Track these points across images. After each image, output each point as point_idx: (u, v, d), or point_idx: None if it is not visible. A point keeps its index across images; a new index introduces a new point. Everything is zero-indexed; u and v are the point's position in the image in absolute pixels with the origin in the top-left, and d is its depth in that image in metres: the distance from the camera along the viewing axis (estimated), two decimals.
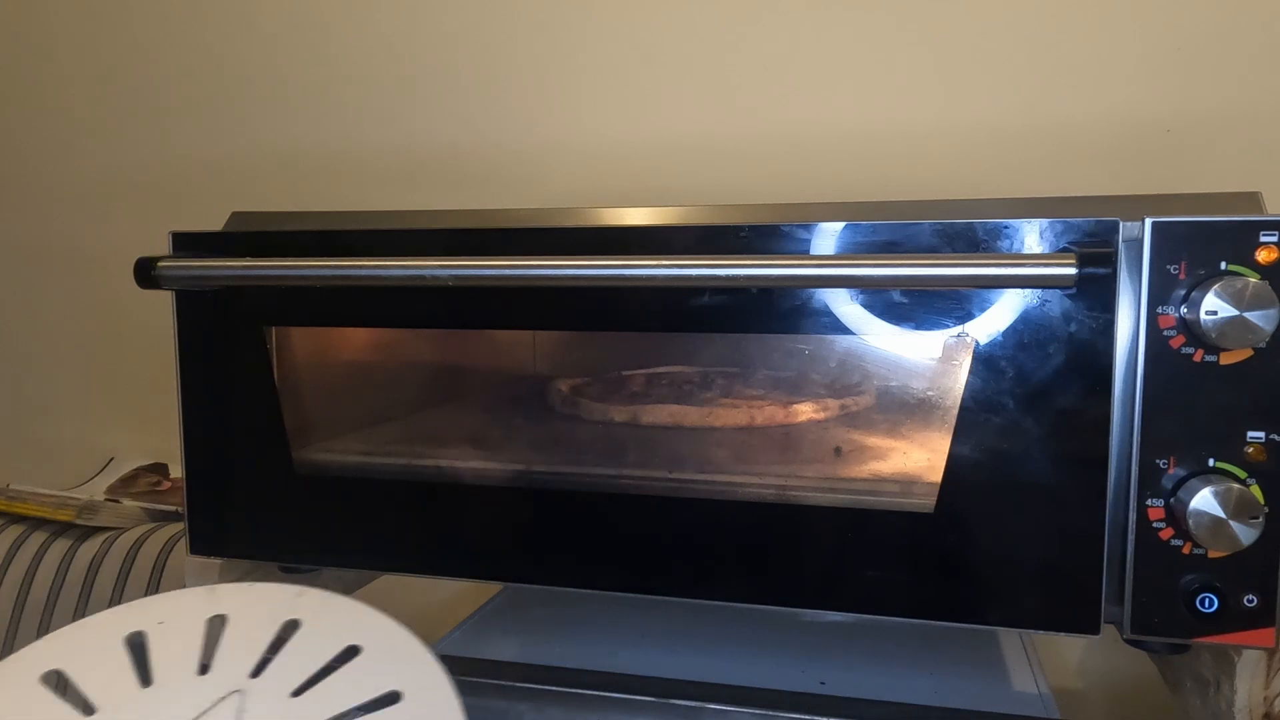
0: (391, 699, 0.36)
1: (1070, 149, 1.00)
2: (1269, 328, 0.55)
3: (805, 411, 0.91)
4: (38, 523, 1.05)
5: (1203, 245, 0.57)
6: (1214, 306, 0.55)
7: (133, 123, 1.30)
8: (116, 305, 1.32)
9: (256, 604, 0.40)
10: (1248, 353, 0.56)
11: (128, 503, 1.11)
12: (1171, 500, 0.58)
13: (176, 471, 1.22)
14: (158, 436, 1.31)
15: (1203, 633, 0.58)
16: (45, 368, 1.37)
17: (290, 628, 0.39)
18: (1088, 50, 0.99)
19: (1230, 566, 0.57)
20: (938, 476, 0.65)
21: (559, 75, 1.15)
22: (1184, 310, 0.57)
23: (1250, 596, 0.57)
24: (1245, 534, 0.56)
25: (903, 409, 0.97)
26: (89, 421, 1.35)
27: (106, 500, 1.12)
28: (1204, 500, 0.56)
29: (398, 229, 0.72)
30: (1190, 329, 0.57)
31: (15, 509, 1.07)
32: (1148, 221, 0.57)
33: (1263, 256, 0.56)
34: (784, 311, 0.66)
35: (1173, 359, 0.58)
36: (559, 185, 1.15)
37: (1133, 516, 0.59)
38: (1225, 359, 0.57)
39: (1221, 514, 0.56)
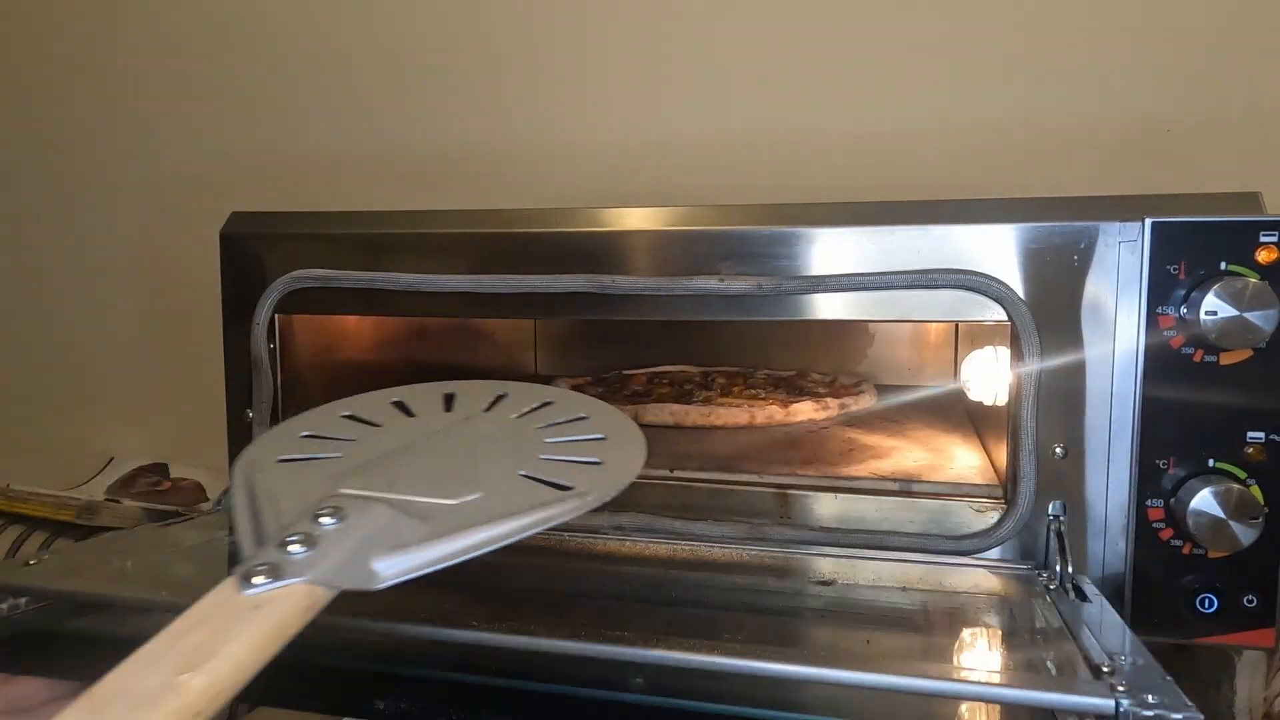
0: (583, 419, 0.51)
1: (1070, 149, 1.00)
2: (1269, 328, 0.55)
3: (805, 411, 0.91)
4: (38, 523, 1.05)
5: (1203, 245, 0.57)
6: (1214, 307, 0.55)
7: (132, 123, 1.30)
8: (116, 306, 1.32)
9: (474, 385, 0.56)
10: (1248, 353, 0.56)
11: (128, 503, 1.11)
12: (1171, 500, 0.58)
13: (176, 472, 1.22)
14: (158, 436, 1.30)
15: (1203, 633, 0.58)
16: (45, 368, 1.37)
17: (502, 395, 0.55)
18: (1088, 50, 0.99)
19: (1230, 566, 0.57)
20: (940, 476, 0.65)
21: (559, 76, 1.15)
22: (1184, 310, 0.57)
23: (1250, 596, 0.57)
24: (1245, 534, 0.56)
25: (903, 409, 0.97)
26: (89, 421, 1.34)
27: (106, 500, 1.12)
28: (1204, 500, 0.56)
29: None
30: (1190, 329, 0.57)
31: (15, 509, 1.06)
32: (1148, 221, 0.58)
33: (1263, 256, 0.56)
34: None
35: (1173, 359, 0.58)
36: (559, 185, 1.15)
37: (1133, 516, 0.59)
38: (1225, 359, 0.57)
39: (1221, 514, 0.56)
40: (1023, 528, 0.60)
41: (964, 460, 0.75)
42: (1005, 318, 0.60)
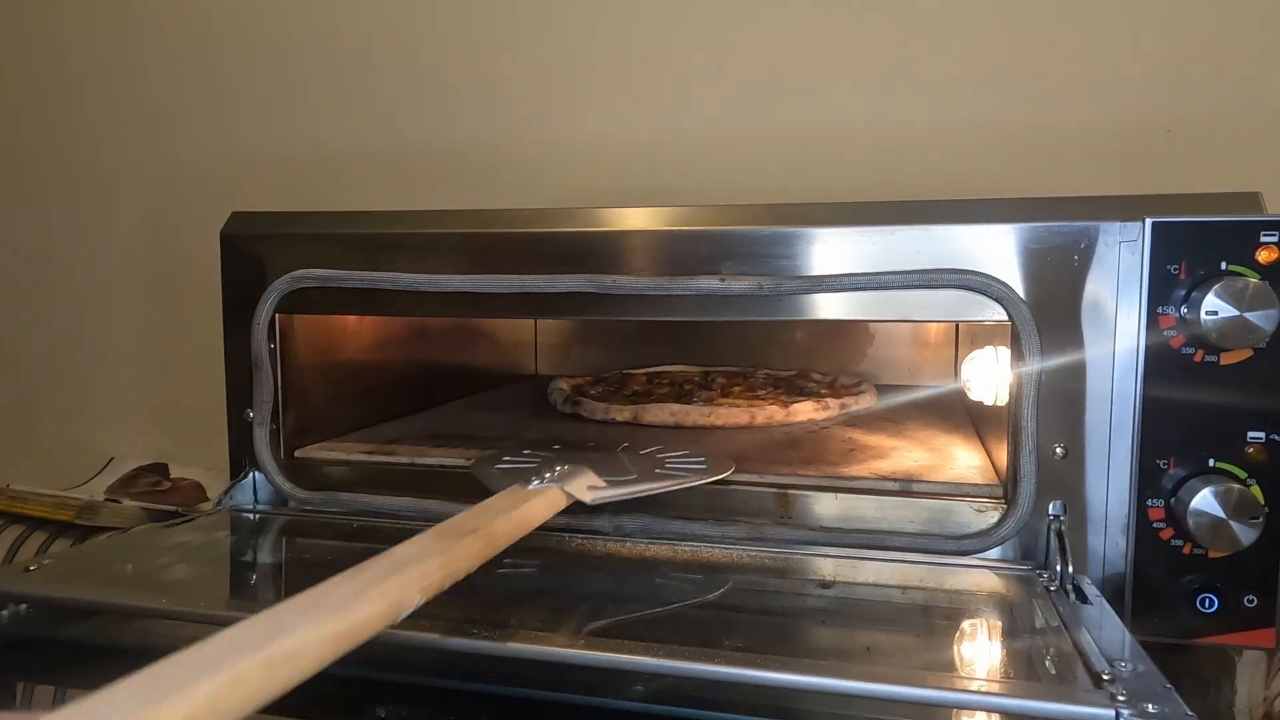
0: (686, 452, 0.72)
1: (1070, 149, 1.00)
2: (1269, 328, 0.55)
3: (805, 411, 0.91)
4: (38, 523, 1.05)
5: (1203, 245, 0.57)
6: (1214, 307, 0.55)
7: (132, 123, 1.30)
8: (117, 306, 1.32)
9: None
10: (1248, 353, 0.56)
11: (128, 503, 1.11)
12: (1171, 500, 0.58)
13: (176, 472, 1.22)
14: (158, 436, 1.31)
15: (1203, 633, 0.58)
16: (45, 368, 1.37)
17: (626, 445, 0.76)
18: (1088, 50, 0.99)
19: (1230, 566, 0.57)
20: (940, 476, 0.65)
21: (559, 76, 1.15)
22: (1184, 310, 0.57)
23: (1250, 596, 0.57)
24: (1245, 534, 0.56)
25: (903, 409, 0.97)
26: (89, 421, 1.34)
27: (106, 500, 1.12)
28: (1204, 500, 0.56)
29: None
30: (1190, 329, 0.57)
31: (15, 509, 1.06)
32: (1148, 221, 0.57)
33: (1263, 256, 0.56)
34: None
35: (1173, 359, 0.58)
36: (559, 185, 1.15)
37: (1133, 516, 0.59)
38: (1225, 359, 0.57)
39: (1221, 514, 0.56)
40: (1023, 528, 0.60)
41: (964, 460, 0.75)
42: (1005, 318, 0.60)
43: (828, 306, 0.65)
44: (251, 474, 0.76)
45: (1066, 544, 0.58)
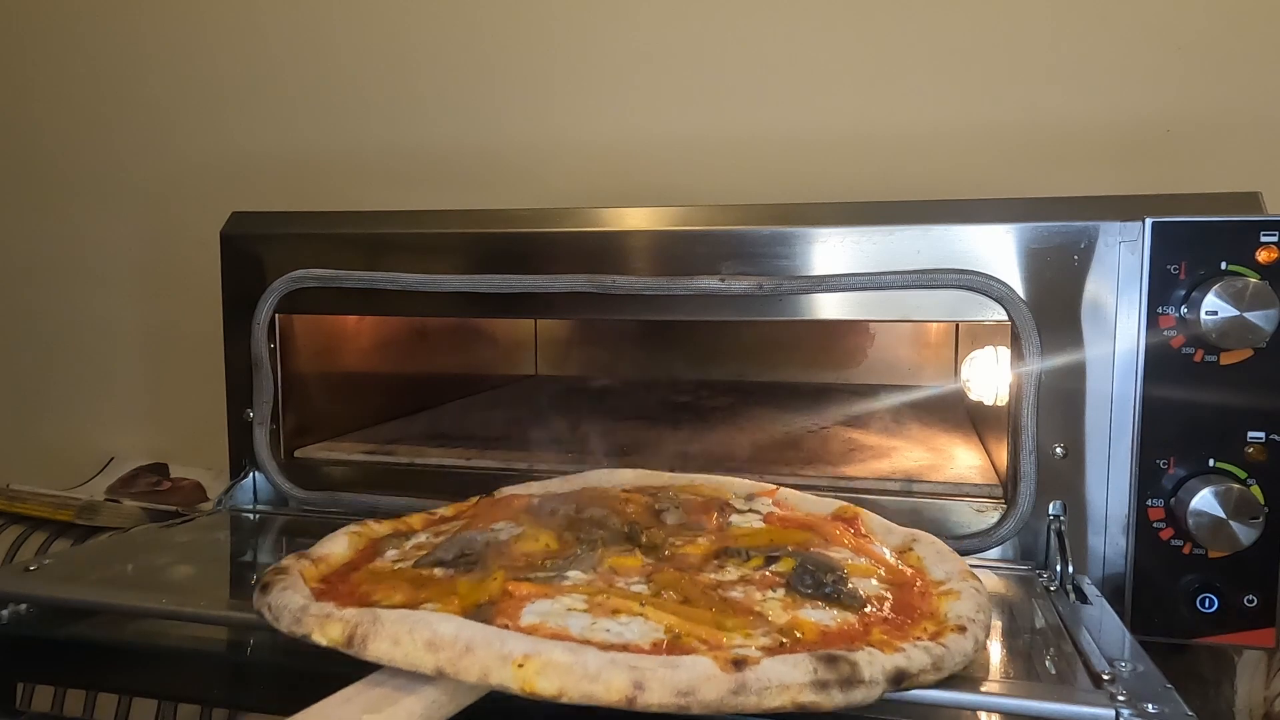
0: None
1: (1070, 149, 0.99)
2: (1269, 328, 0.55)
3: (778, 673, 0.36)
4: (38, 523, 1.05)
5: (1203, 245, 0.57)
6: (1214, 306, 0.55)
7: (133, 124, 1.30)
8: (116, 306, 1.32)
9: None
10: (1248, 353, 0.56)
11: (128, 503, 1.11)
12: (1171, 500, 0.58)
13: (177, 471, 1.22)
14: (158, 436, 1.30)
15: (1203, 633, 0.58)
16: (46, 368, 1.37)
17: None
18: (1088, 50, 0.99)
19: (1230, 566, 0.57)
20: (940, 476, 0.65)
21: (558, 76, 1.15)
22: (1184, 310, 0.57)
23: (1250, 596, 0.57)
24: (1245, 534, 0.56)
25: (903, 409, 0.97)
26: (89, 421, 1.34)
27: (106, 500, 1.12)
28: (1204, 500, 0.56)
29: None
30: (1190, 329, 0.57)
31: (15, 509, 1.06)
32: (1148, 221, 0.57)
33: (1263, 256, 0.56)
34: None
35: (1173, 359, 0.58)
36: (558, 185, 1.15)
37: (1133, 516, 0.59)
38: (1225, 359, 0.57)
39: (1221, 514, 0.56)
40: (1023, 528, 0.60)
41: (964, 460, 0.75)
42: (1005, 318, 0.60)
43: (828, 306, 0.65)
44: (251, 474, 0.76)
45: (1066, 544, 0.58)
